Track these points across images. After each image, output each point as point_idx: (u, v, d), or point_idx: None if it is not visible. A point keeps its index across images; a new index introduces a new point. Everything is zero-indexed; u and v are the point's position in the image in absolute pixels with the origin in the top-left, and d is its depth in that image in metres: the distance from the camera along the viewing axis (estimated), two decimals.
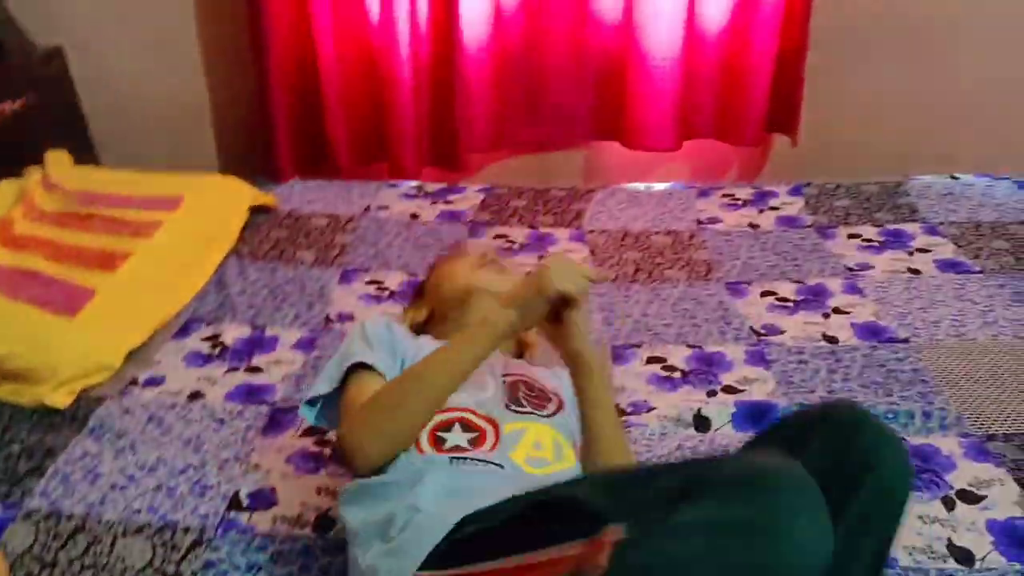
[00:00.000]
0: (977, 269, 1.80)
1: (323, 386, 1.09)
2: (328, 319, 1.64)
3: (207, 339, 1.57)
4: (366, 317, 1.26)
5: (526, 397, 1.15)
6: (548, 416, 1.13)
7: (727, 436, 1.30)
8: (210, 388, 1.42)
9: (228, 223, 1.90)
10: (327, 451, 1.26)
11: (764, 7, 2.22)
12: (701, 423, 1.33)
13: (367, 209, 2.11)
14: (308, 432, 1.30)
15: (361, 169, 2.39)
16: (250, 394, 1.41)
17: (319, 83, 2.25)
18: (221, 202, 1.93)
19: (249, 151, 2.39)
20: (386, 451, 1.01)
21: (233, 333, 1.58)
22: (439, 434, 1.04)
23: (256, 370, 1.48)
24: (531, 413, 1.12)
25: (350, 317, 1.64)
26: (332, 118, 2.30)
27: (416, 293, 1.45)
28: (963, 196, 2.15)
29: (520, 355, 1.31)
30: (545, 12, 2.26)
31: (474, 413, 1.08)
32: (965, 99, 2.45)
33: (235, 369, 1.47)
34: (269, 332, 1.59)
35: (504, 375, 1.17)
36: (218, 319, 1.62)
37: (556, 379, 1.22)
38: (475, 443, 1.04)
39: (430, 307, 1.33)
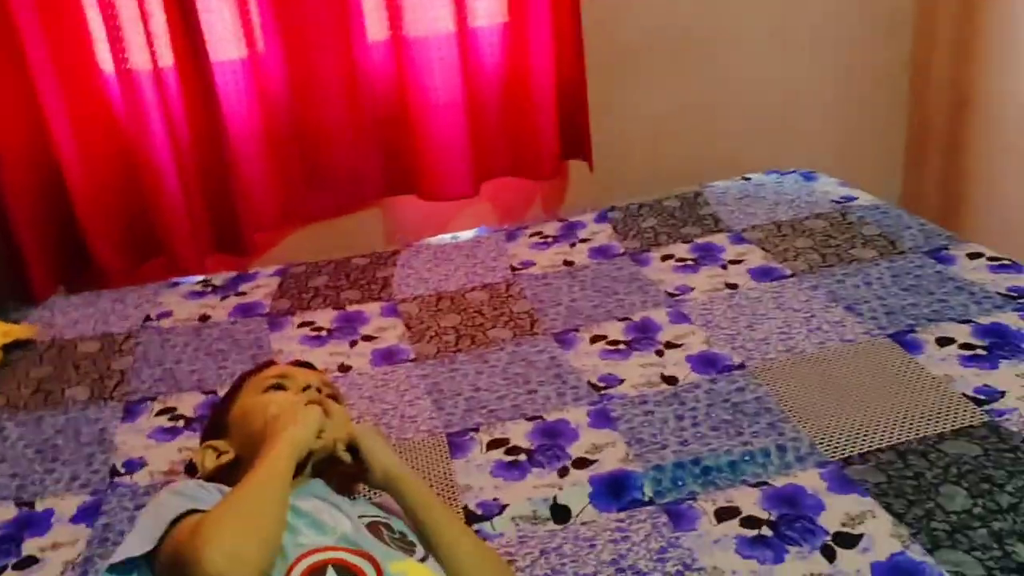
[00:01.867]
0: (788, 273, 1.81)
1: (137, 545, 0.88)
2: (114, 471, 1.38)
3: None
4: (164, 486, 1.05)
5: (391, 540, 0.99)
6: (421, 560, 0.98)
7: (591, 521, 1.19)
8: None
9: None
10: None
11: (534, 40, 2.16)
12: (559, 513, 1.21)
13: (147, 319, 1.85)
14: None
15: (134, 271, 2.11)
16: None
17: (64, 183, 1.96)
18: None
19: None
20: (257, 562, 0.84)
21: None
22: None
23: (29, 562, 1.20)
24: (405, 556, 0.97)
25: (141, 464, 1.40)
26: (87, 218, 2.01)
27: (212, 425, 1.24)
28: (758, 197, 2.19)
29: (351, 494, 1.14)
30: (311, 71, 2.09)
31: (347, 551, 0.91)
32: (739, 100, 2.52)
33: (1, 571, 1.20)
34: (40, 506, 1.31)
35: (360, 516, 1.01)
36: None
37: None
38: None
39: (236, 449, 1.13)
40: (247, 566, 0.83)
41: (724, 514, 1.17)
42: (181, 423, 1.50)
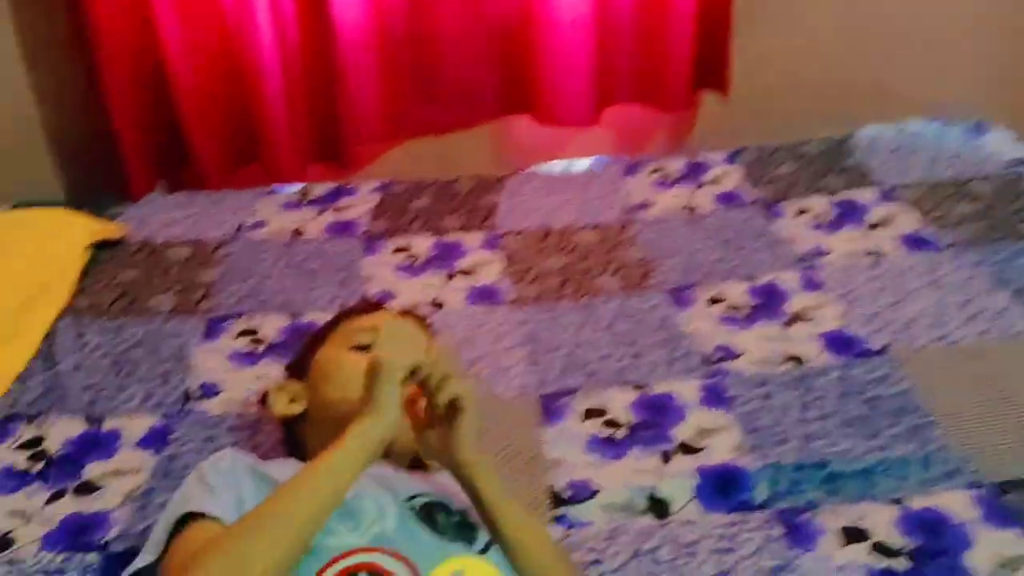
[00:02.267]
0: (946, 243, 1.57)
1: (146, 555, 0.79)
2: (188, 395, 1.32)
3: (24, 446, 1.22)
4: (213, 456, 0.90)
5: (447, 526, 0.86)
6: (482, 552, 0.85)
7: (693, 520, 1.05)
8: (23, 529, 1.09)
9: (57, 272, 1.54)
10: None
11: None
12: (658, 506, 1.07)
13: (239, 228, 1.77)
14: None
15: (233, 174, 2.03)
16: (77, 534, 1.08)
17: (167, 79, 1.88)
18: (45, 245, 1.57)
19: (96, 167, 2.01)
20: (273, 570, 0.72)
21: (60, 432, 1.24)
22: None
23: (88, 489, 1.15)
24: (463, 549, 0.84)
25: (216, 389, 1.32)
26: (189, 117, 1.92)
27: (296, 362, 1.14)
28: (915, 149, 1.91)
29: (416, 466, 1.01)
30: None
31: (383, 552, 0.79)
32: (896, 25, 2.20)
33: (60, 494, 1.14)
34: (108, 425, 1.26)
35: (409, 498, 0.88)
36: (42, 413, 1.28)
37: None
38: None
39: (308, 401, 1.02)
40: None
41: (851, 535, 1.01)
42: (261, 348, 1.42)
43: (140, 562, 0.79)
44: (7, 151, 2.03)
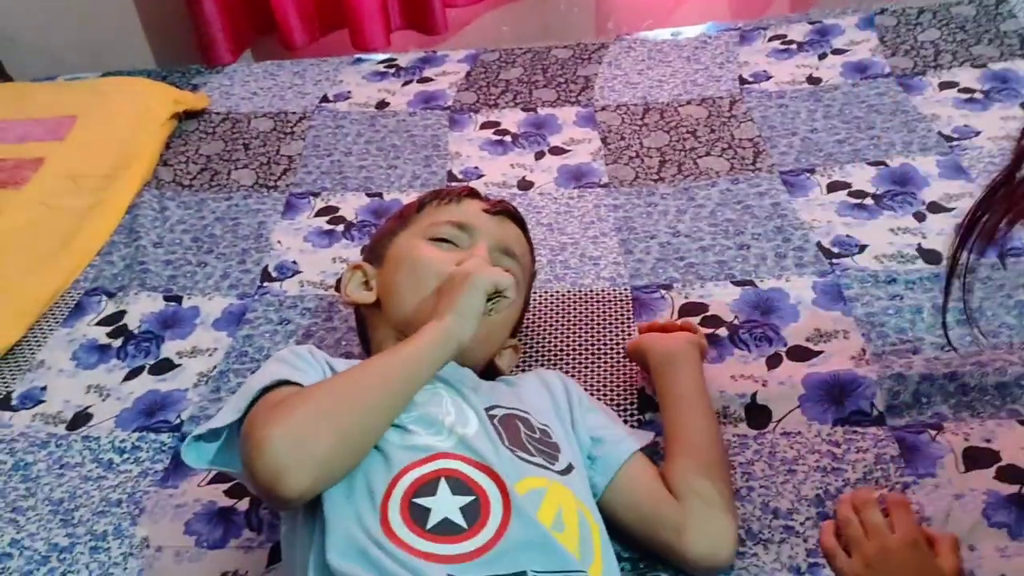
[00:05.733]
0: None
1: (225, 415, 0.74)
2: (266, 274, 1.27)
3: (104, 322, 1.21)
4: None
5: (529, 440, 0.79)
6: (563, 473, 0.78)
7: (796, 432, 0.94)
8: (100, 405, 1.08)
9: (141, 143, 1.49)
10: (240, 504, 0.93)
11: None
12: (757, 414, 0.96)
13: (324, 99, 1.69)
14: (217, 479, 0.96)
15: (318, 41, 1.94)
16: (152, 412, 1.06)
17: None
18: (130, 115, 1.52)
19: (184, 36, 1.94)
20: (327, 459, 0.68)
21: (140, 309, 1.22)
22: (416, 501, 0.69)
23: (166, 367, 1.13)
24: (544, 467, 0.77)
25: (294, 270, 1.27)
26: None
27: (374, 244, 1.04)
28: None
29: (487, 375, 0.93)
30: None
31: (463, 460, 0.72)
32: None
33: (138, 371, 1.12)
34: (188, 303, 1.22)
35: (488, 408, 0.80)
36: (123, 288, 1.26)
37: (551, 403, 0.86)
38: (475, 516, 0.69)
39: (381, 290, 0.94)
40: (310, 460, 0.66)
41: (977, 456, 0.88)
42: (341, 227, 1.35)
43: (217, 421, 0.74)
44: (97, 18, 1.99)
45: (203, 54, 1.88)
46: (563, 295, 1.15)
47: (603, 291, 1.16)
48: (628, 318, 1.11)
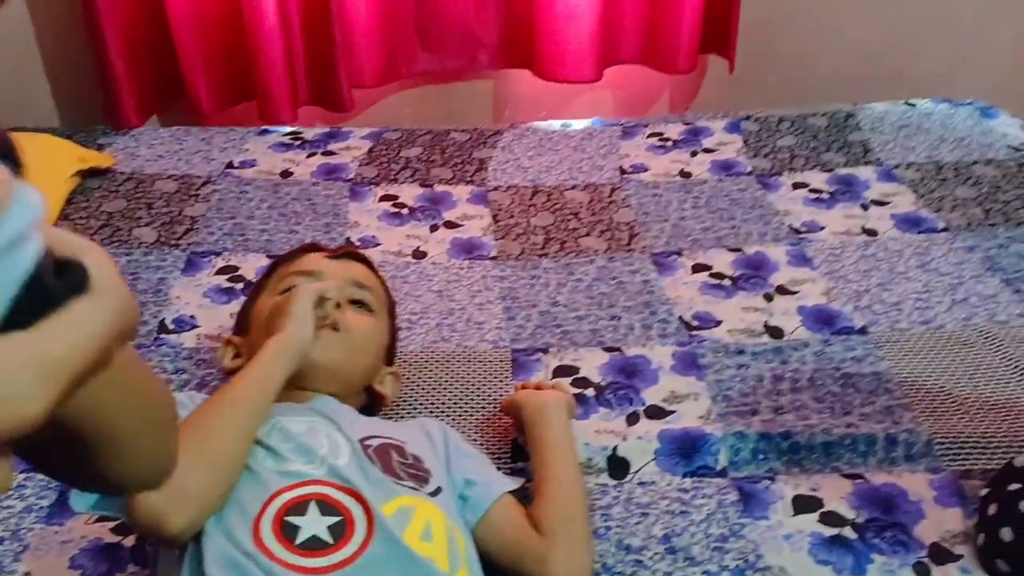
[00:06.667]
0: (941, 226, 1.55)
1: None
2: (163, 327, 1.31)
3: None
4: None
5: (401, 466, 0.86)
6: (433, 494, 0.86)
7: (651, 482, 1.04)
8: None
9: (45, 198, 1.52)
10: (125, 541, 0.96)
11: None
12: (617, 466, 1.06)
13: (229, 165, 1.76)
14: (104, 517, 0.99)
15: (227, 110, 2.01)
16: None
17: (165, 11, 1.85)
18: (33, 170, 1.54)
19: (92, 98, 1.98)
20: (201, 492, 0.74)
21: None
22: (287, 520, 0.76)
23: None
24: (414, 489, 0.84)
25: (191, 323, 1.32)
26: (184, 48, 1.90)
27: (240, 317, 1.11)
28: (921, 129, 1.88)
29: (370, 411, 1.01)
30: None
31: (333, 486, 0.79)
32: (916, 8, 2.16)
33: None
34: None
35: (363, 439, 0.88)
36: None
37: (428, 444, 0.94)
38: (340, 534, 0.76)
39: (249, 354, 1.00)
40: (184, 499, 0.72)
41: (805, 504, 1.00)
42: (240, 285, 1.41)
43: None
44: (3, 76, 2.00)
45: (110, 116, 1.92)
46: (448, 354, 1.24)
47: (486, 352, 1.25)
48: (507, 377, 1.21)
